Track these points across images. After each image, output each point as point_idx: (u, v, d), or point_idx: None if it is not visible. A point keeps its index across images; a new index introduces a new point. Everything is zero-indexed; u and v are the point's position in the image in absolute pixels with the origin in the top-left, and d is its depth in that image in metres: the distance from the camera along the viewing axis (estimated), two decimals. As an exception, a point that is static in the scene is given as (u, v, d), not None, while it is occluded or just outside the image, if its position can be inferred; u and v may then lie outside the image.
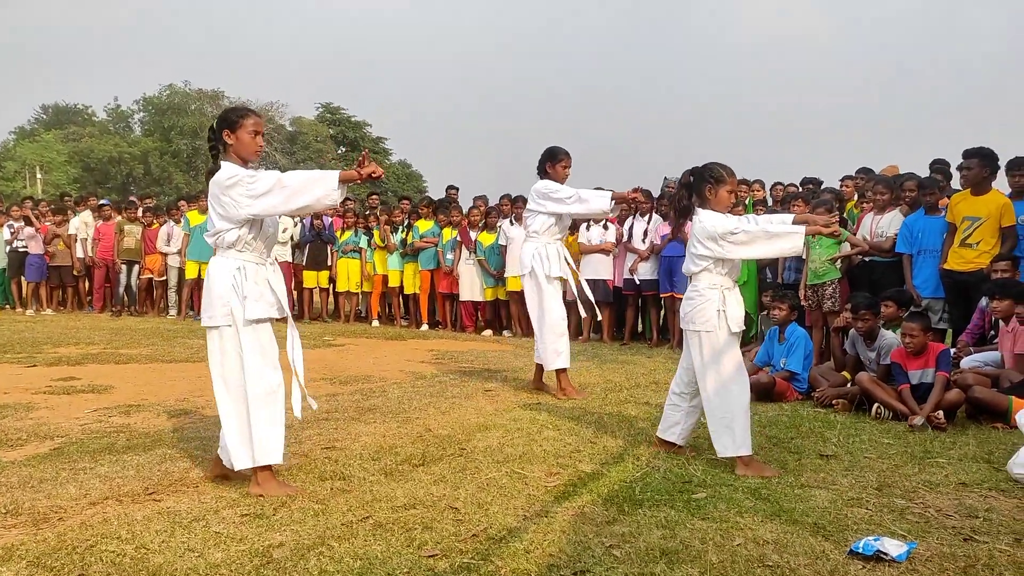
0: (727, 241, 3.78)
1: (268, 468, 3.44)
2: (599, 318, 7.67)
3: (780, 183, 10.03)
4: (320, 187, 3.33)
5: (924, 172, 7.81)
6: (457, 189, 12.56)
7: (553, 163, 5.86)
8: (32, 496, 3.32)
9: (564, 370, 5.82)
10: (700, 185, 3.97)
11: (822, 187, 9.11)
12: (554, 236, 5.91)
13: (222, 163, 3.47)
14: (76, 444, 4.20)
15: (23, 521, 3.02)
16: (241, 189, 3.33)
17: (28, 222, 12.78)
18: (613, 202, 5.62)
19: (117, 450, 4.08)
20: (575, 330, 10.07)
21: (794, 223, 3.97)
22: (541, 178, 5.92)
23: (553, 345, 5.78)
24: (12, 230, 12.71)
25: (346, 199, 13.51)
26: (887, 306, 5.86)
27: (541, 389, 6.02)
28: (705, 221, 3.87)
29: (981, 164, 6.07)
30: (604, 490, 3.45)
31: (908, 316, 5.28)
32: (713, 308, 3.85)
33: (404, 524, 2.97)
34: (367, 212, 12.25)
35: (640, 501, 3.28)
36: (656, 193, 9.43)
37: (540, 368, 6.08)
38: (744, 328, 3.97)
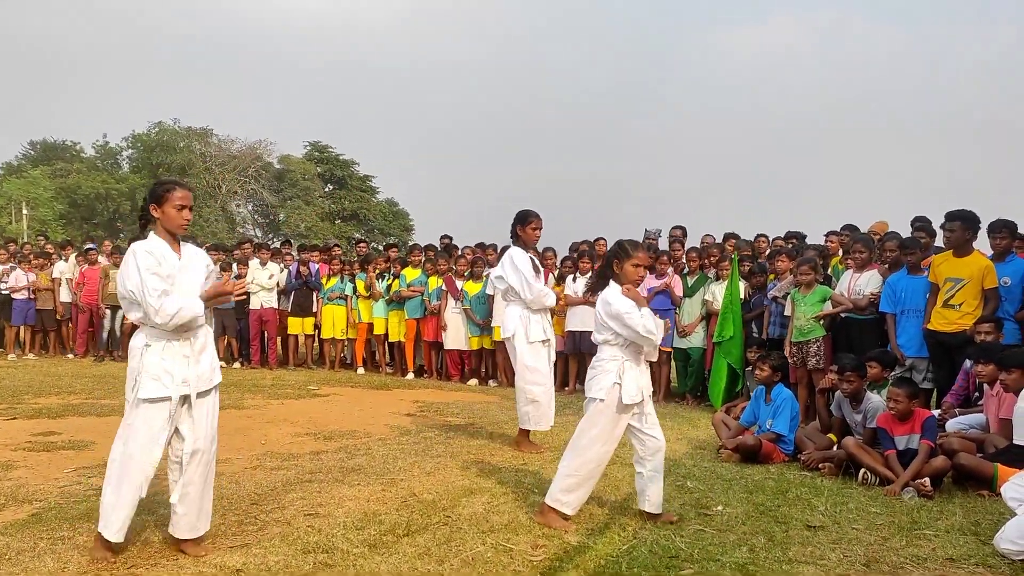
0: (623, 320, 3.97)
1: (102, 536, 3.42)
2: None
3: (764, 235, 10.14)
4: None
5: (906, 226, 7.96)
6: (451, 238, 12.61)
7: (523, 225, 5.94)
8: (9, 570, 3.27)
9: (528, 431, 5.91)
10: (610, 259, 4.17)
11: (805, 240, 9.22)
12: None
13: (149, 235, 3.52)
14: (55, 510, 4.13)
15: (-3, 601, 2.95)
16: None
17: (26, 260, 12.84)
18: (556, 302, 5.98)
19: (96, 517, 3.98)
20: (560, 381, 10.08)
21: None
22: (513, 241, 6.00)
23: (523, 407, 5.87)
24: None
25: (335, 245, 13.72)
26: (871, 366, 5.90)
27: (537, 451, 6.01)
28: (609, 298, 4.06)
29: (963, 227, 6.18)
30: (590, 565, 3.42)
31: (895, 382, 5.31)
32: (609, 379, 4.00)
33: (387, 607, 2.92)
34: (353, 260, 12.29)
35: (626, 580, 3.25)
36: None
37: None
38: (644, 397, 4.08)
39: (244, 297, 3.62)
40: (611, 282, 4.14)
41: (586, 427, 4.07)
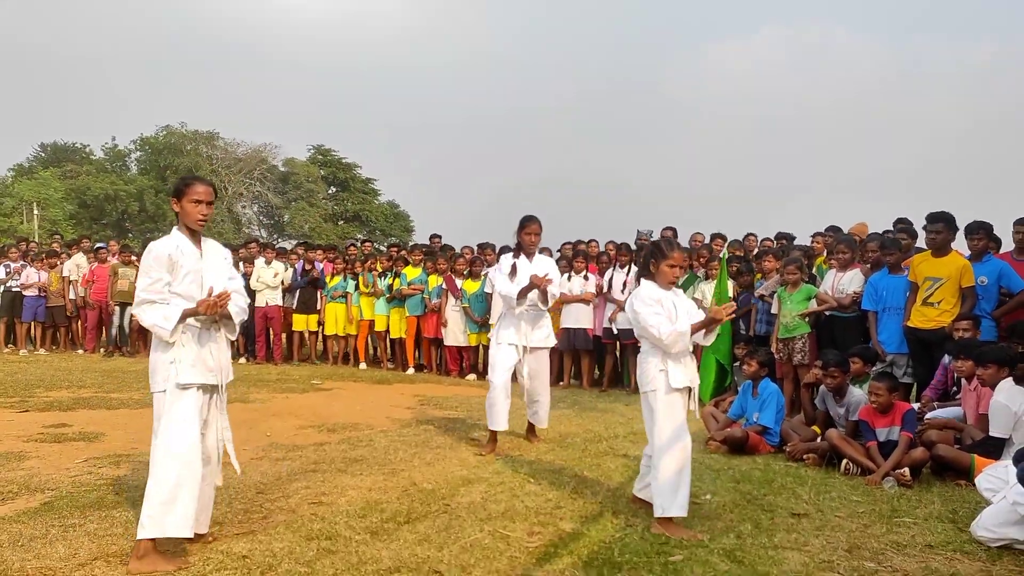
0: (635, 314, 4.06)
1: (152, 540, 3.30)
2: None
3: (753, 234, 10.34)
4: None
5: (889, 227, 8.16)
6: (440, 237, 12.86)
7: (519, 231, 6.03)
8: (22, 556, 3.36)
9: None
10: (647, 259, 4.25)
11: (794, 240, 9.42)
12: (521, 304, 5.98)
13: (172, 230, 3.61)
14: (66, 498, 4.25)
15: (14, 584, 3.07)
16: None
17: (37, 259, 13.05)
18: (517, 301, 5.77)
19: (106, 505, 4.14)
20: (555, 375, 10.23)
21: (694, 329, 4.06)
22: (516, 245, 6.14)
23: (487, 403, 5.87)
24: (8, 271, 12.83)
25: (351, 245, 14.00)
26: (854, 362, 6.07)
27: (530, 440, 6.18)
28: (639, 290, 4.16)
29: (947, 228, 6.35)
30: (584, 551, 3.56)
31: (876, 376, 5.48)
32: (655, 369, 4.06)
33: (390, 589, 3.05)
34: (357, 259, 12.50)
35: (619, 564, 3.39)
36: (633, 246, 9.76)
37: (530, 425, 6.26)
38: (690, 386, 4.10)
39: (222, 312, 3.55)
40: (643, 281, 4.21)
41: (649, 423, 4.09)
